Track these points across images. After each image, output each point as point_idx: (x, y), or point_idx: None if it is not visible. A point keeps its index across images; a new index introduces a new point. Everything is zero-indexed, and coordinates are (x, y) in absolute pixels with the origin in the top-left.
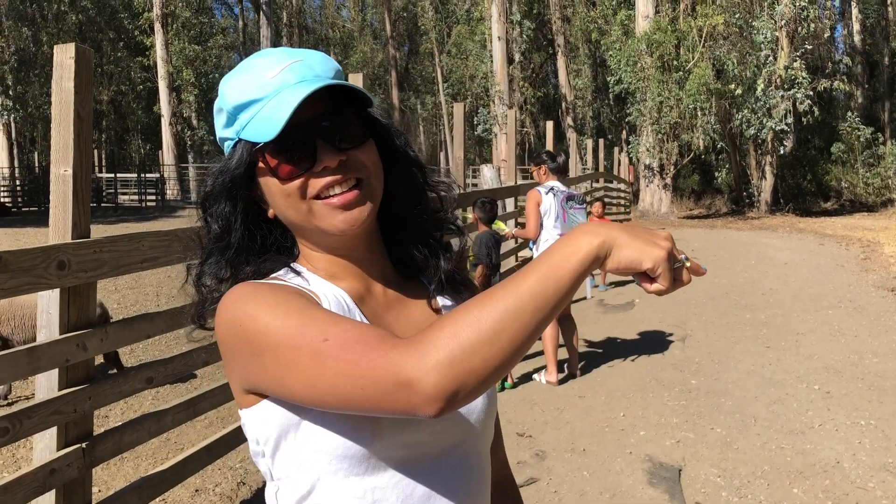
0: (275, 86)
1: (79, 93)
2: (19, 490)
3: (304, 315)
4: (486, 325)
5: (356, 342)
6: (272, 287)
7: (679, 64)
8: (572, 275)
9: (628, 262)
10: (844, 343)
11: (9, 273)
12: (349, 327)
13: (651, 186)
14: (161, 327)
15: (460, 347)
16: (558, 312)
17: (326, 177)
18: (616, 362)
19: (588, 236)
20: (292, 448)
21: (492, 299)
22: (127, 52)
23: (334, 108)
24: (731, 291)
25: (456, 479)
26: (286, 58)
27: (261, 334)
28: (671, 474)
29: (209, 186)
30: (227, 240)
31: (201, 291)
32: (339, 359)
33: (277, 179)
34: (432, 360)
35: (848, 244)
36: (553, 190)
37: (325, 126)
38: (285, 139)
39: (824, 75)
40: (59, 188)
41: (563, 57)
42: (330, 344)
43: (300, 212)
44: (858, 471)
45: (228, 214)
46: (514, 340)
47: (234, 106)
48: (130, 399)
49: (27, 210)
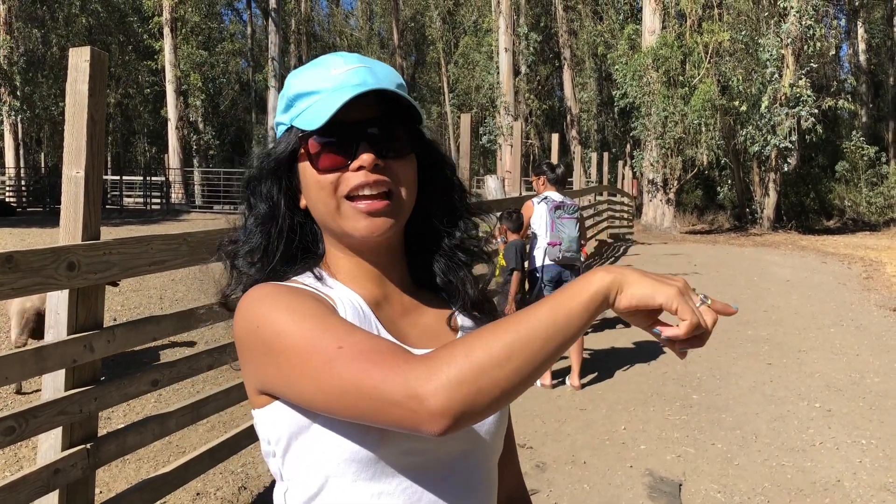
0: (336, 82)
1: (93, 96)
2: (23, 489)
3: (320, 321)
4: (497, 348)
5: (370, 353)
6: (291, 290)
7: (684, 79)
8: (582, 309)
9: (640, 297)
10: (846, 361)
11: (19, 273)
12: (364, 338)
13: (654, 201)
14: (167, 330)
15: (471, 368)
16: (570, 344)
17: (360, 177)
18: (617, 375)
19: (601, 273)
20: (302, 450)
21: (505, 325)
22: (135, 55)
23: (385, 116)
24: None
25: (462, 489)
26: (355, 61)
27: (276, 336)
28: (671, 489)
29: (255, 168)
30: (274, 221)
31: (232, 271)
32: (351, 367)
33: (315, 169)
34: (442, 378)
35: (850, 263)
36: (546, 200)
37: (372, 130)
38: (332, 133)
39: (829, 94)
40: (71, 190)
41: (570, 70)
42: (344, 352)
43: (329, 207)
44: (859, 490)
45: (275, 196)
46: (523, 366)
47: (294, 94)
48: (133, 401)
49: (32, 210)
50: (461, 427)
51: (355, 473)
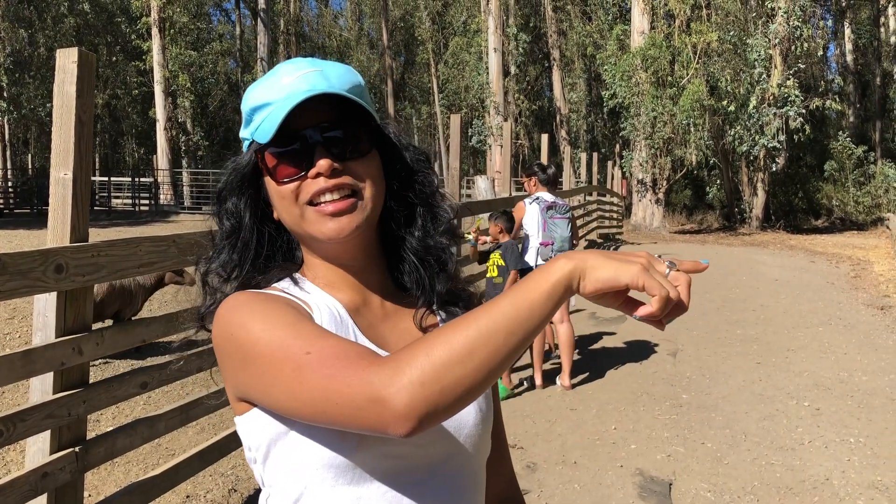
0: (286, 91)
1: (80, 97)
2: (11, 493)
3: (292, 328)
4: (458, 345)
5: (336, 358)
6: (266, 297)
7: (673, 80)
8: (545, 298)
9: (605, 280)
10: (834, 360)
11: (7, 275)
12: (333, 343)
13: (643, 201)
14: (156, 332)
15: (432, 367)
16: (533, 336)
17: (319, 184)
18: (608, 375)
19: (561, 261)
20: (281, 456)
21: (466, 321)
22: (123, 56)
23: (340, 118)
24: (723, 307)
25: (444, 494)
26: (305, 66)
27: (250, 344)
28: (661, 488)
29: (222, 183)
30: (238, 235)
31: (205, 289)
32: (318, 373)
33: (274, 181)
34: (405, 378)
35: (838, 262)
36: (538, 200)
37: (327, 134)
38: (286, 142)
39: (817, 94)
40: (59, 192)
41: (559, 70)
42: (311, 357)
43: (293, 216)
44: (847, 488)
45: (240, 210)
46: (486, 361)
47: (251, 107)
48: (122, 404)
49: (19, 212)
50: (428, 426)
51: (334, 479)
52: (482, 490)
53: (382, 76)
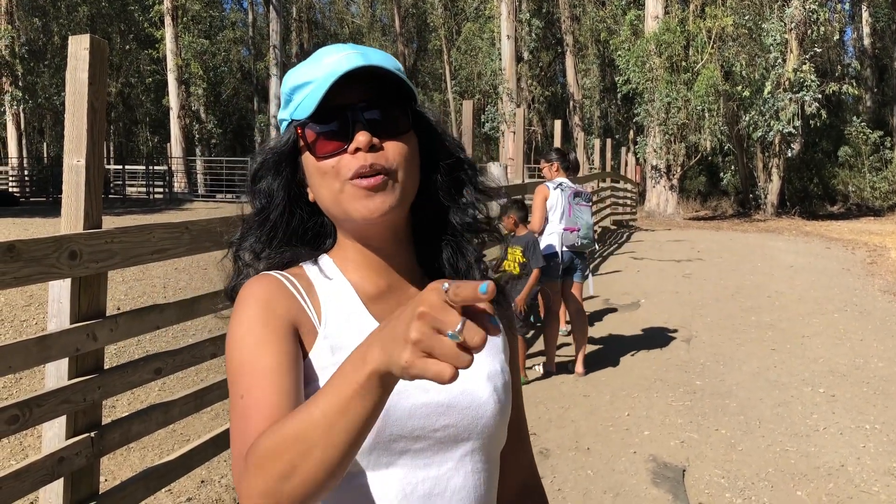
0: (328, 69)
1: (93, 84)
2: (28, 478)
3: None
4: (280, 465)
5: (245, 420)
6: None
7: (687, 65)
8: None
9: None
10: (850, 347)
11: (21, 262)
12: (259, 397)
13: (657, 187)
14: (170, 318)
15: (265, 483)
16: (361, 440)
17: (358, 159)
18: (621, 362)
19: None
20: None
21: (286, 432)
22: (136, 44)
23: (380, 97)
24: (737, 293)
25: (459, 482)
26: (346, 49)
27: (228, 347)
28: (675, 474)
29: (258, 163)
30: (267, 214)
31: (237, 265)
32: (234, 425)
33: (314, 156)
34: (252, 491)
35: (854, 248)
36: (561, 186)
37: (367, 112)
38: (326, 119)
39: (833, 78)
40: (72, 178)
41: (572, 56)
42: (240, 404)
43: (332, 191)
44: (863, 475)
45: (273, 190)
46: (310, 474)
47: (291, 88)
48: (137, 390)
49: (35, 200)
50: None
51: None
52: (496, 478)
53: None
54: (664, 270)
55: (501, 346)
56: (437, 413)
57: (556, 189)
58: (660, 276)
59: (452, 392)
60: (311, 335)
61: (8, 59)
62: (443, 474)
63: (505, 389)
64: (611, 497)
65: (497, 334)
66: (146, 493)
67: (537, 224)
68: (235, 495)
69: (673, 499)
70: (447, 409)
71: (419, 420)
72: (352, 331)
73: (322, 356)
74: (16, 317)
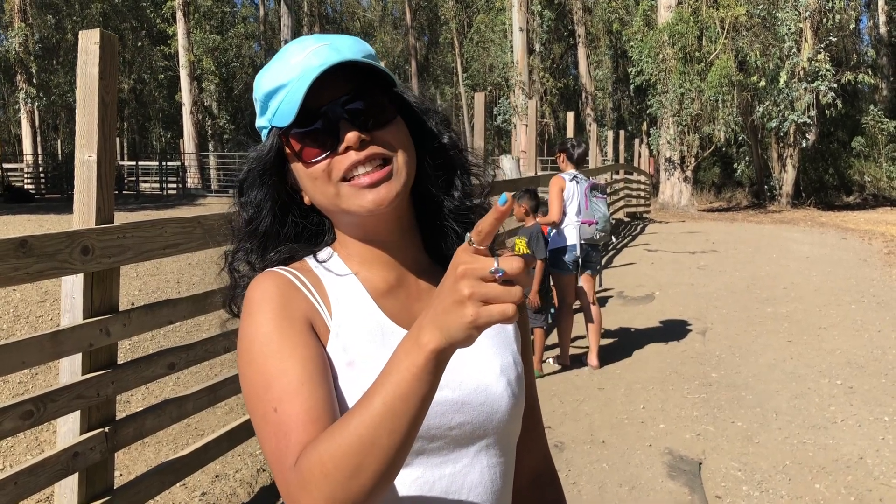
0: (299, 69)
1: (103, 78)
2: (43, 473)
3: (280, 363)
4: (345, 463)
5: (285, 435)
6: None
7: (701, 55)
8: (416, 384)
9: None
10: (867, 338)
11: (34, 257)
12: (296, 409)
13: (671, 179)
14: (183, 313)
15: (330, 488)
16: (421, 418)
17: (350, 157)
18: (636, 354)
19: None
20: None
21: (348, 429)
22: (149, 40)
23: (359, 89)
24: (752, 285)
25: (475, 475)
26: (312, 43)
27: (245, 355)
28: (691, 467)
29: (243, 174)
30: (256, 226)
31: (233, 277)
32: (270, 441)
33: (303, 163)
34: (318, 498)
35: (871, 239)
36: (576, 177)
37: (349, 107)
38: (308, 122)
39: (848, 67)
40: (84, 174)
41: (584, 47)
42: (273, 418)
43: (328, 195)
44: (882, 467)
45: (259, 201)
46: (378, 466)
47: (264, 94)
48: (152, 385)
49: (50, 197)
50: None
51: None
52: (511, 470)
53: (406, 56)
54: (679, 262)
55: (513, 336)
56: (452, 411)
57: (572, 181)
58: (674, 268)
59: (466, 389)
60: (324, 333)
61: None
62: (459, 471)
63: (518, 381)
64: (626, 490)
65: (532, 263)
66: (161, 488)
67: (556, 215)
68: (249, 490)
69: (689, 492)
70: (462, 407)
71: (435, 419)
72: (362, 329)
73: (335, 355)
74: (31, 312)
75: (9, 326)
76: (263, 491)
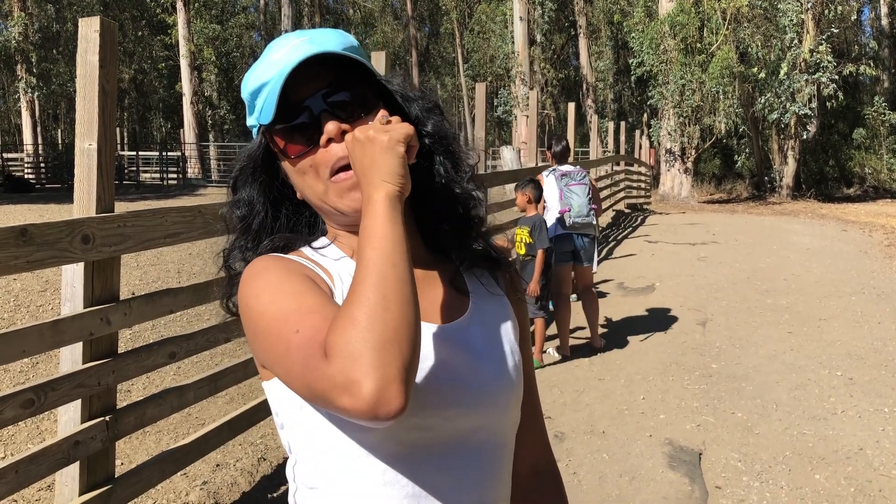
0: (279, 66)
1: (103, 67)
2: (44, 461)
3: (293, 300)
4: (372, 299)
5: (309, 343)
6: (282, 265)
7: (702, 46)
8: (390, 223)
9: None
10: (868, 330)
11: (34, 246)
12: (319, 320)
13: (672, 170)
14: (184, 302)
15: (371, 331)
16: (407, 253)
17: (334, 150)
18: (636, 345)
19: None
20: (306, 424)
21: (359, 280)
22: (149, 30)
23: (340, 81)
24: (753, 276)
25: (473, 465)
26: (293, 39)
27: (259, 316)
28: (691, 458)
29: (235, 172)
30: (248, 223)
31: (229, 275)
32: (298, 358)
33: (289, 160)
34: (360, 359)
35: (871, 231)
36: (554, 171)
37: (330, 99)
38: (292, 116)
39: (850, 59)
40: (84, 162)
41: (585, 38)
42: (298, 337)
43: (317, 192)
44: (882, 458)
45: (252, 198)
46: (398, 293)
47: (250, 94)
48: (152, 374)
49: (51, 186)
50: (410, 382)
51: (359, 450)
52: (510, 461)
53: (407, 47)
54: (679, 254)
55: (510, 326)
56: (447, 402)
57: (549, 175)
58: (675, 259)
59: (461, 380)
60: None
61: (22, 47)
62: (457, 464)
63: (515, 372)
64: (627, 480)
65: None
66: (161, 477)
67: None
68: (250, 479)
69: (689, 482)
70: (457, 398)
71: (429, 410)
72: None
73: None
74: (32, 301)
75: (9, 315)
76: (264, 480)
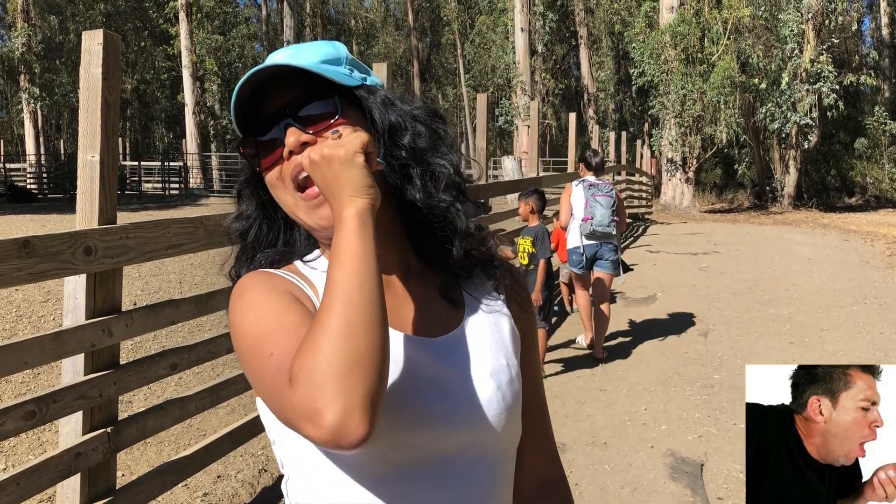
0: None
1: (106, 79)
2: (45, 473)
3: (274, 320)
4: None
5: (279, 368)
6: (263, 283)
7: (703, 57)
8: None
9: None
10: (870, 340)
11: (36, 258)
12: (293, 342)
13: (673, 180)
14: (186, 313)
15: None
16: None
17: (296, 162)
18: (637, 356)
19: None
20: (294, 441)
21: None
22: (151, 40)
23: (309, 92)
24: (754, 286)
25: (463, 483)
26: (279, 52)
27: (241, 336)
28: (693, 469)
29: (239, 182)
30: (248, 231)
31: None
32: (268, 383)
33: (260, 172)
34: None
35: (873, 240)
36: (583, 181)
37: (302, 111)
38: (263, 130)
39: (851, 69)
40: (87, 174)
41: (586, 49)
42: (271, 362)
43: (287, 205)
44: None
45: (249, 210)
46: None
47: (231, 111)
48: (154, 385)
49: (53, 197)
50: (376, 409)
51: (347, 468)
52: (509, 478)
53: (408, 58)
54: (680, 264)
55: (509, 338)
56: (437, 421)
57: (579, 185)
58: (676, 269)
59: (453, 396)
60: None
61: (25, 57)
62: (451, 481)
63: (510, 385)
64: (628, 492)
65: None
66: (163, 489)
67: (563, 220)
68: (251, 490)
69: (691, 493)
70: (448, 416)
71: (419, 430)
72: None
73: None
74: (34, 312)
75: (11, 326)
76: (265, 491)
